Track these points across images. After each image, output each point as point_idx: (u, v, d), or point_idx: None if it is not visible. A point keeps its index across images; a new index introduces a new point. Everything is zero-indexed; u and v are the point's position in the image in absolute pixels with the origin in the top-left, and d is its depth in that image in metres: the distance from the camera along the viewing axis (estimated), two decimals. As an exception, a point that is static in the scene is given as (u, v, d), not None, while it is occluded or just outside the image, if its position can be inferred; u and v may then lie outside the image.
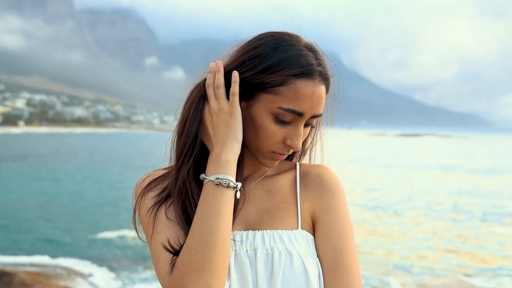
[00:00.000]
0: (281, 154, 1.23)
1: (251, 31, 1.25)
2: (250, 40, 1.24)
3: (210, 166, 1.18)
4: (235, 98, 1.20)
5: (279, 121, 1.18)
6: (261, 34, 1.24)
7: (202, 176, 1.19)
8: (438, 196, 26.11)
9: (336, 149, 1.40)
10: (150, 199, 1.26)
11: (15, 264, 11.24)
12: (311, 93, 1.17)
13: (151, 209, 1.24)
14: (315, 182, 1.27)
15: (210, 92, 1.22)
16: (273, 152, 1.22)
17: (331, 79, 1.23)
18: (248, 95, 1.20)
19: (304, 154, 1.37)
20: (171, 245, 1.16)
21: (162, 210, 1.22)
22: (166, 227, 1.20)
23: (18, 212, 20.92)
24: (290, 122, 1.19)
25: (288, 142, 1.20)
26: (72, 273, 10.94)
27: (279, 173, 1.33)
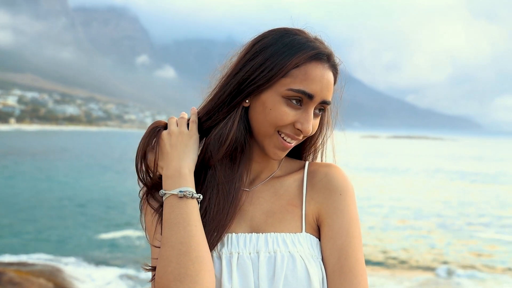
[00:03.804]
0: (290, 138, 1.22)
1: (245, 32, 1.27)
2: (257, 35, 1.26)
3: (168, 181, 1.19)
4: (194, 126, 1.26)
5: (290, 104, 1.18)
6: (268, 29, 1.26)
7: (161, 192, 1.19)
8: (424, 200, 26.24)
9: (333, 151, 1.35)
10: (156, 201, 1.26)
11: (4, 264, 11.18)
12: (321, 75, 1.18)
13: (156, 211, 1.25)
14: (322, 182, 1.25)
15: (172, 120, 1.28)
16: (280, 134, 1.21)
17: (339, 69, 1.25)
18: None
19: (315, 154, 1.36)
20: (148, 265, 1.20)
21: None
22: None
23: (10, 210, 20.82)
24: (300, 106, 1.19)
25: (298, 126, 1.19)
26: (63, 272, 10.90)
27: (287, 174, 1.32)
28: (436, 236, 17.29)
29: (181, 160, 1.20)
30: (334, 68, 1.23)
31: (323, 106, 1.23)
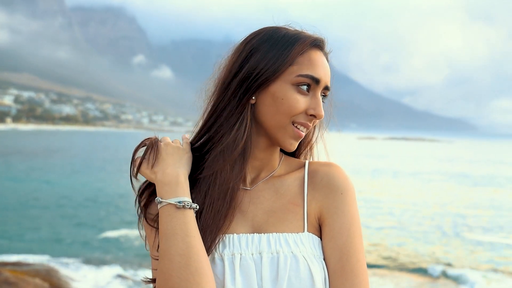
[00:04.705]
0: (303, 126, 1.22)
1: (242, 32, 1.32)
2: (246, 36, 1.27)
3: (165, 187, 1.17)
4: (188, 146, 1.26)
5: (300, 91, 1.19)
6: (254, 32, 1.27)
7: (157, 199, 1.17)
8: (417, 203, 26.30)
9: (329, 152, 1.34)
10: (154, 207, 1.24)
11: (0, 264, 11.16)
12: (322, 60, 1.22)
13: (152, 223, 1.24)
14: (323, 182, 1.25)
15: (166, 137, 1.28)
16: (294, 124, 1.21)
17: (329, 58, 1.28)
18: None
19: (311, 152, 1.37)
20: (148, 278, 1.21)
21: None
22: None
23: (7, 210, 20.78)
24: (308, 92, 1.21)
25: (311, 112, 1.20)
26: (58, 272, 10.90)
27: (287, 172, 1.31)
28: (432, 237, 17.34)
29: (177, 167, 1.20)
30: (326, 55, 1.27)
31: (324, 92, 1.25)
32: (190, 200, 1.16)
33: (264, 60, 1.19)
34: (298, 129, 1.22)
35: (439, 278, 12.34)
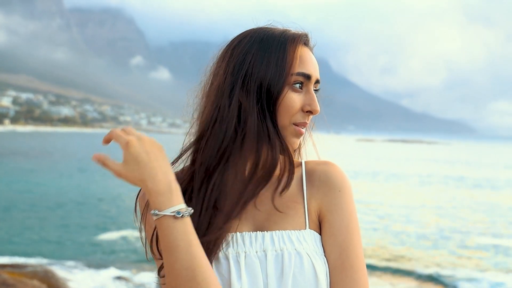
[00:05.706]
0: (302, 124, 1.24)
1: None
2: (230, 41, 1.28)
3: (160, 198, 1.08)
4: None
5: (295, 89, 1.21)
6: (238, 36, 1.28)
7: (154, 212, 1.09)
8: (413, 206, 26.33)
9: (327, 154, 1.35)
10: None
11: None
12: (310, 56, 1.25)
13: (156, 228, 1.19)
14: (321, 180, 1.26)
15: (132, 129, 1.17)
16: (294, 124, 1.23)
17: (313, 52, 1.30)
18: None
19: (300, 151, 1.37)
20: None
21: None
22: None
23: (5, 211, 20.75)
24: (301, 89, 1.23)
25: (307, 108, 1.23)
26: (56, 274, 10.89)
27: (284, 171, 1.30)
28: (430, 239, 17.36)
29: (166, 170, 1.10)
30: (311, 49, 1.29)
31: (315, 86, 1.27)
32: (186, 206, 1.10)
33: (267, 68, 1.20)
34: (298, 126, 1.24)
35: (436, 280, 12.36)
